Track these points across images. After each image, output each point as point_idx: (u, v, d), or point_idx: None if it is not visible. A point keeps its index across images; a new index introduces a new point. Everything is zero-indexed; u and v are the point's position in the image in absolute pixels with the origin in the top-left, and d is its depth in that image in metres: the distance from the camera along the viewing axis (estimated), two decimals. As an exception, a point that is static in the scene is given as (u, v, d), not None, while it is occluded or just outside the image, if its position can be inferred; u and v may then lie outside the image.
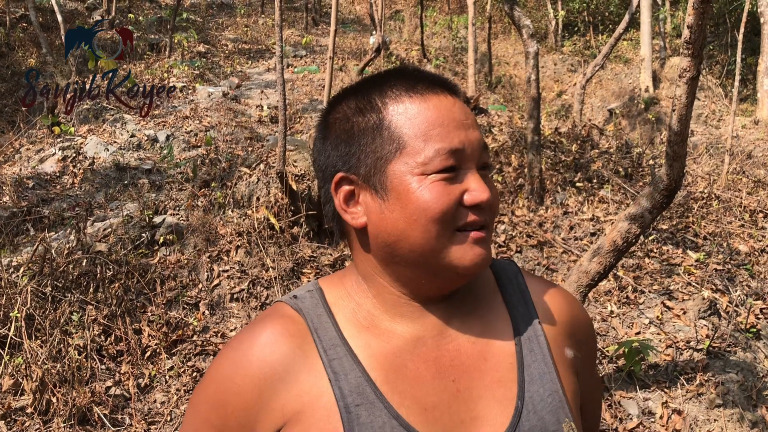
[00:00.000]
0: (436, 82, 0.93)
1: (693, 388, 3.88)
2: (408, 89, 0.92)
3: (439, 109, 0.90)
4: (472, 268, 0.89)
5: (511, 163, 6.84)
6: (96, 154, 6.92)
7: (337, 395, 0.86)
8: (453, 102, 0.92)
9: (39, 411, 3.53)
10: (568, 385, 0.96)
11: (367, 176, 0.91)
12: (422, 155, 0.87)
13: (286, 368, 0.89)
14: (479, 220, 0.89)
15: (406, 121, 0.89)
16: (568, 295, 1.07)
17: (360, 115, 0.92)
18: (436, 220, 0.87)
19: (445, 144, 0.88)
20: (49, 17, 11.31)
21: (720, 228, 5.85)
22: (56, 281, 4.34)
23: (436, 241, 0.87)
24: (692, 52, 3.10)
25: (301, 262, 4.96)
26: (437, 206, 0.86)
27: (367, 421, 0.85)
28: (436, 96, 0.91)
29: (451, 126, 0.89)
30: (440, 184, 0.87)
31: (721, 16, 15.43)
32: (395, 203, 0.88)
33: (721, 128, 11.86)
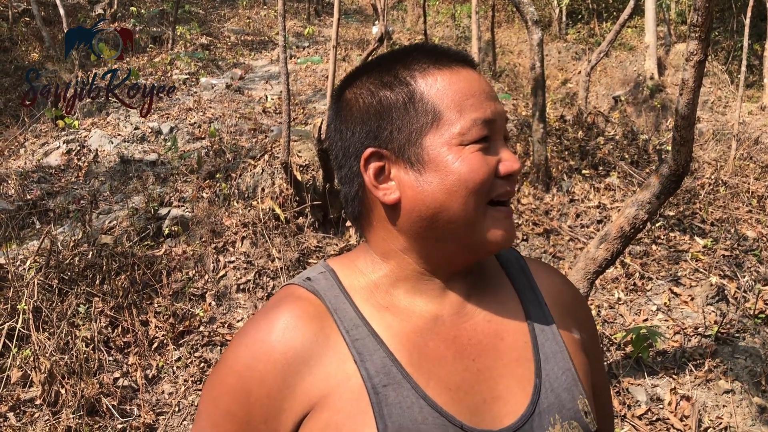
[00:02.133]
0: (459, 56, 0.93)
1: (701, 374, 3.87)
2: (435, 62, 0.91)
3: (469, 80, 0.90)
4: (502, 242, 0.89)
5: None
6: (100, 147, 6.92)
7: (364, 376, 0.84)
8: (478, 74, 0.92)
9: (48, 402, 3.54)
10: (578, 364, 0.96)
11: (401, 150, 0.89)
12: (458, 125, 0.87)
13: (310, 351, 0.87)
14: (511, 191, 0.90)
15: (439, 92, 0.88)
16: (563, 276, 1.08)
17: (387, 89, 0.91)
18: (475, 191, 0.86)
19: (479, 114, 0.87)
20: (52, 11, 11.30)
21: (727, 214, 5.82)
22: (63, 274, 4.35)
23: (474, 213, 0.87)
24: (700, 35, 3.07)
25: (307, 252, 4.95)
26: (477, 176, 0.86)
27: (395, 402, 0.83)
28: (463, 68, 0.91)
29: (482, 96, 0.89)
30: (478, 155, 0.87)
31: (727, 2, 15.32)
32: (433, 175, 0.87)
33: (727, 114, 11.80)
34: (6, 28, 10.45)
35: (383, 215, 0.92)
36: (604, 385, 1.10)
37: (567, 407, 0.90)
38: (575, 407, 0.90)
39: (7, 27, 10.51)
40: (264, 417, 0.86)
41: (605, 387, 1.11)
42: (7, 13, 11.00)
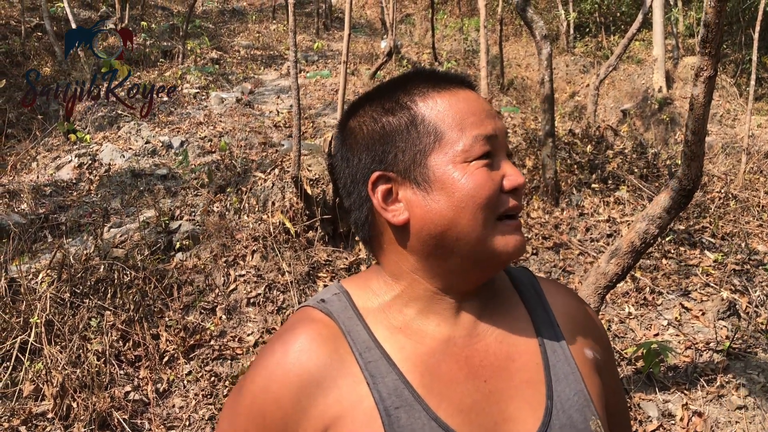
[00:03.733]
0: (457, 79, 0.97)
1: (713, 389, 3.84)
2: (434, 86, 0.94)
3: (468, 100, 0.93)
4: (514, 254, 0.91)
5: (526, 164, 6.82)
6: (111, 161, 6.97)
7: (376, 398, 0.86)
8: (477, 95, 0.95)
9: (60, 416, 3.56)
10: (591, 384, 0.96)
11: (407, 171, 0.91)
12: (461, 143, 0.89)
13: (324, 374, 0.88)
14: (518, 205, 0.92)
15: (439, 113, 0.91)
16: (576, 295, 1.09)
17: (390, 115, 0.94)
18: (483, 206, 0.88)
19: (480, 130, 0.90)
20: (64, 26, 11.42)
21: (738, 228, 5.80)
22: (74, 287, 4.38)
23: (483, 228, 0.89)
24: (709, 50, 3.08)
25: (317, 266, 4.96)
26: (484, 192, 0.88)
27: (407, 424, 0.84)
28: (462, 89, 0.95)
29: (482, 114, 0.92)
30: (483, 171, 0.89)
31: (735, 15, 15.32)
32: (440, 193, 0.89)
33: (736, 128, 11.77)
34: (18, 43, 10.57)
35: (393, 237, 0.94)
36: (621, 406, 1.10)
37: (579, 428, 0.90)
38: (587, 428, 0.91)
39: (20, 42, 10.62)
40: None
41: (623, 407, 1.11)
42: (19, 27, 11.12)
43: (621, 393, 1.11)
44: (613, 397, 1.05)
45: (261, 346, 4.29)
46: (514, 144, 7.41)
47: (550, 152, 5.98)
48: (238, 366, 4.13)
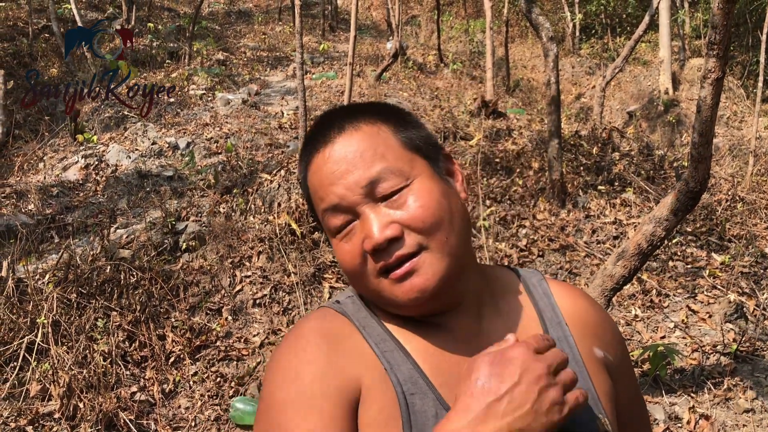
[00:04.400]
0: (321, 136, 0.95)
1: (721, 392, 3.83)
2: (305, 158, 0.98)
3: (317, 171, 0.93)
4: (409, 303, 0.90)
5: (532, 166, 6.81)
6: (118, 162, 6.99)
7: (394, 383, 0.88)
8: (326, 154, 0.92)
9: (66, 416, 3.57)
10: (599, 384, 0.97)
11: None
12: (322, 220, 0.95)
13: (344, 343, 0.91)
14: (389, 262, 0.88)
15: (308, 190, 0.97)
16: (589, 297, 1.09)
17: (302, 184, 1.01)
18: (354, 275, 0.93)
19: (324, 204, 0.92)
20: (71, 27, 11.46)
21: (745, 230, 5.78)
22: (81, 288, 4.39)
23: (369, 290, 0.93)
24: (717, 52, 3.08)
25: (323, 267, 4.97)
26: (347, 266, 0.93)
27: (421, 410, 0.86)
28: (315, 157, 0.94)
29: (324, 184, 0.92)
30: (343, 244, 0.93)
31: (742, 16, 15.26)
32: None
33: (743, 129, 11.73)
34: (26, 44, 10.61)
35: None
36: (639, 408, 1.10)
37: (585, 427, 0.90)
38: (594, 427, 0.91)
39: (27, 43, 10.66)
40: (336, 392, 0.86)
41: (641, 409, 1.10)
42: (27, 29, 11.16)
43: (638, 395, 1.10)
44: (629, 399, 1.05)
45: (266, 347, 4.30)
46: (520, 146, 7.40)
47: (556, 154, 5.97)
48: (244, 367, 4.13)
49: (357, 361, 0.89)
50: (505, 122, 8.43)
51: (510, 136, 7.80)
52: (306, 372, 0.87)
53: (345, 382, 0.87)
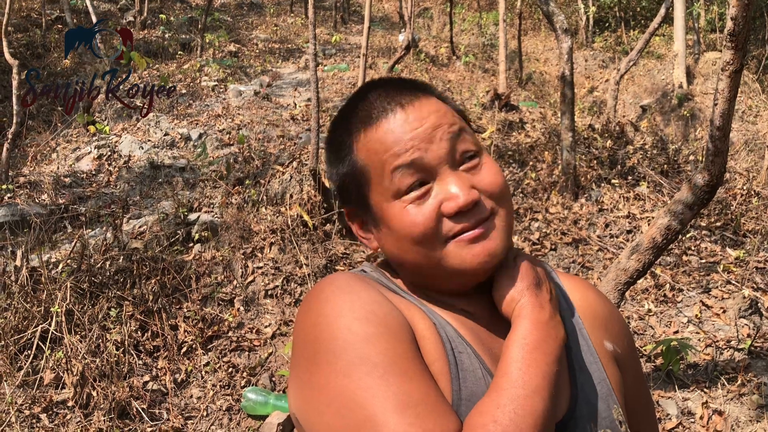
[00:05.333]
0: (390, 100, 0.93)
1: (734, 388, 3.80)
2: (363, 121, 0.94)
3: (391, 130, 0.90)
4: (476, 268, 0.89)
5: (545, 159, 6.78)
6: (131, 153, 7.01)
7: (443, 338, 0.87)
8: (406, 114, 0.91)
9: (80, 404, 3.59)
10: (611, 375, 0.97)
11: (364, 209, 0.96)
12: (385, 180, 0.90)
13: (387, 293, 0.91)
14: (468, 226, 0.88)
15: (367, 153, 0.92)
16: (597, 290, 1.10)
17: (339, 162, 0.98)
18: (418, 242, 0.89)
19: (399, 162, 0.89)
20: (84, 18, 11.50)
21: (761, 225, 5.72)
22: (94, 277, 4.41)
23: (430, 257, 0.90)
24: (735, 44, 3.04)
25: (334, 258, 4.97)
26: (414, 230, 0.88)
27: (469, 369, 0.86)
28: (386, 118, 0.92)
29: (402, 142, 0.89)
30: (412, 207, 0.89)
31: (758, 10, 15.09)
32: (387, 231, 0.93)
33: (758, 124, 11.62)
34: (39, 36, 10.65)
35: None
36: (646, 399, 1.10)
37: (602, 416, 0.91)
38: (610, 416, 0.91)
39: (41, 34, 10.70)
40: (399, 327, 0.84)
41: (647, 400, 1.11)
42: (40, 20, 11.21)
43: (645, 386, 1.11)
44: (637, 390, 1.06)
45: (278, 338, 4.31)
46: (534, 138, 7.36)
47: (569, 146, 5.93)
48: (256, 357, 4.14)
49: (405, 307, 0.88)
50: (518, 115, 8.39)
51: (523, 129, 7.76)
52: (377, 307, 0.83)
53: (407, 322, 0.85)
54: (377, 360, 0.77)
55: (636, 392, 1.05)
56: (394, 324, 0.82)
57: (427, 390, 0.77)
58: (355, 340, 0.79)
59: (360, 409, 0.74)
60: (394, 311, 0.84)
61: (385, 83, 0.97)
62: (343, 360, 0.78)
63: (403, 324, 0.83)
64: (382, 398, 0.74)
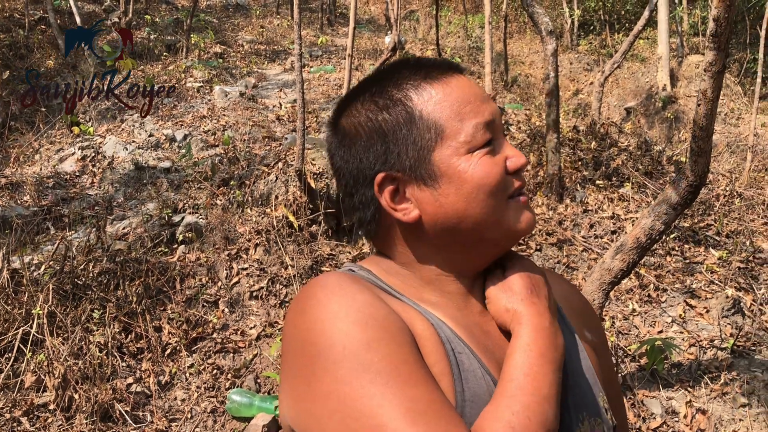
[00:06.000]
0: (445, 65, 0.95)
1: (717, 387, 3.83)
2: (424, 76, 0.92)
3: (462, 88, 0.92)
4: (527, 229, 0.93)
5: (530, 161, 6.80)
6: (115, 154, 6.96)
7: (443, 338, 0.86)
8: (468, 80, 0.94)
9: (61, 407, 3.55)
10: (594, 363, 0.99)
11: (412, 169, 0.90)
12: (462, 134, 0.89)
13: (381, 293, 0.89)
14: (523, 183, 0.93)
15: (436, 106, 0.90)
16: (573, 285, 1.13)
17: (385, 112, 0.91)
18: (492, 193, 0.89)
19: (479, 118, 0.90)
20: (68, 19, 11.40)
21: (743, 226, 5.78)
22: (77, 279, 4.37)
23: (495, 212, 0.90)
24: (718, 45, 3.06)
25: (320, 260, 4.95)
26: (491, 180, 0.89)
27: (470, 369, 0.85)
28: (453, 77, 0.93)
29: (478, 101, 0.91)
30: (487, 158, 0.90)
31: (740, 14, 15.25)
32: (449, 187, 0.89)
33: (740, 126, 11.74)
34: (22, 36, 10.55)
35: (403, 233, 0.94)
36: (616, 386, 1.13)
37: (592, 404, 0.92)
38: (597, 404, 0.93)
39: (24, 35, 10.60)
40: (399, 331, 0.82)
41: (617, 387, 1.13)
42: (23, 20, 11.10)
43: (615, 375, 1.14)
44: (610, 379, 1.08)
45: (263, 339, 4.29)
46: (519, 140, 7.39)
47: (554, 147, 5.96)
48: (241, 359, 4.12)
49: (401, 309, 0.87)
50: (504, 117, 8.42)
51: (508, 131, 7.79)
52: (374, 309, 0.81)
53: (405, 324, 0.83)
54: (380, 366, 0.75)
55: (609, 381, 1.07)
56: (393, 327, 0.80)
57: (433, 395, 0.76)
58: (355, 346, 0.76)
59: (366, 419, 0.72)
60: (392, 314, 0.82)
61: (424, 59, 0.97)
62: (344, 367, 0.76)
63: (402, 326, 0.82)
64: (389, 406, 0.73)
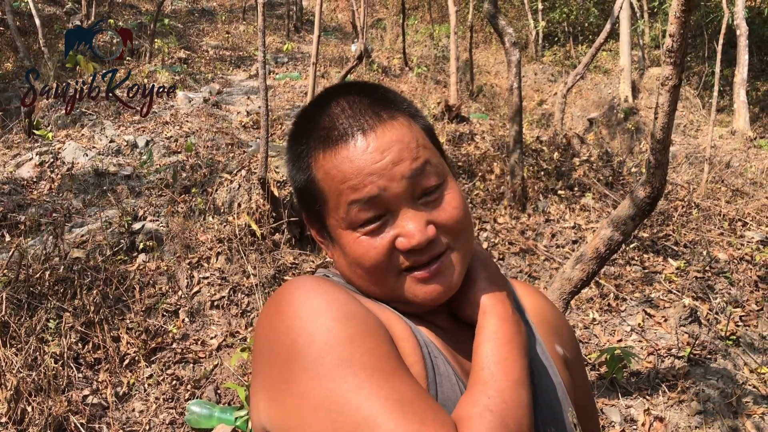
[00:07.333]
0: (354, 122, 0.88)
1: (674, 395, 3.89)
2: (323, 141, 0.89)
3: (350, 159, 0.86)
4: (428, 302, 0.89)
5: (494, 170, 6.86)
6: (74, 160, 6.82)
7: (420, 342, 0.86)
8: (367, 143, 0.86)
9: (14, 420, 3.45)
10: (564, 378, 0.99)
11: (321, 223, 0.94)
12: (341, 210, 0.88)
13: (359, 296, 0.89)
14: (420, 261, 0.87)
15: (324, 176, 0.89)
16: (546, 296, 1.12)
17: (297, 171, 0.94)
18: (370, 272, 0.88)
19: (356, 197, 0.86)
20: (27, 22, 11.18)
21: (700, 236, 5.90)
22: (32, 288, 4.26)
23: (381, 286, 0.90)
24: (674, 60, 3.12)
25: (283, 269, 4.91)
26: (366, 261, 0.88)
27: (444, 373, 0.85)
28: (347, 143, 0.87)
29: (362, 174, 0.85)
30: (366, 239, 0.87)
31: (698, 28, 15.65)
32: (339, 251, 0.92)
33: (699, 138, 12.01)
34: (-20, 38, 10.31)
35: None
36: (590, 399, 1.13)
37: (560, 420, 0.92)
38: (566, 420, 0.93)
39: (-19, 36, 10.37)
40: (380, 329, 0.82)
41: (591, 400, 1.13)
42: (-19, 22, 10.86)
43: (589, 387, 1.13)
44: (583, 391, 1.08)
45: (224, 349, 4.23)
46: (483, 150, 7.44)
47: (518, 158, 6.02)
48: (201, 369, 4.06)
49: (379, 311, 0.87)
50: (469, 126, 8.48)
51: (473, 141, 7.84)
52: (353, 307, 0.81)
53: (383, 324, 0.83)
54: (363, 360, 0.74)
55: (583, 395, 1.07)
56: (373, 325, 0.80)
57: (417, 388, 0.76)
58: (336, 342, 0.75)
59: (353, 413, 0.71)
60: (371, 313, 0.82)
61: (351, 91, 0.93)
62: (327, 363, 0.74)
63: (381, 325, 0.82)
64: (375, 399, 0.72)
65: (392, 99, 0.93)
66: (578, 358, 1.10)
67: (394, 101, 0.93)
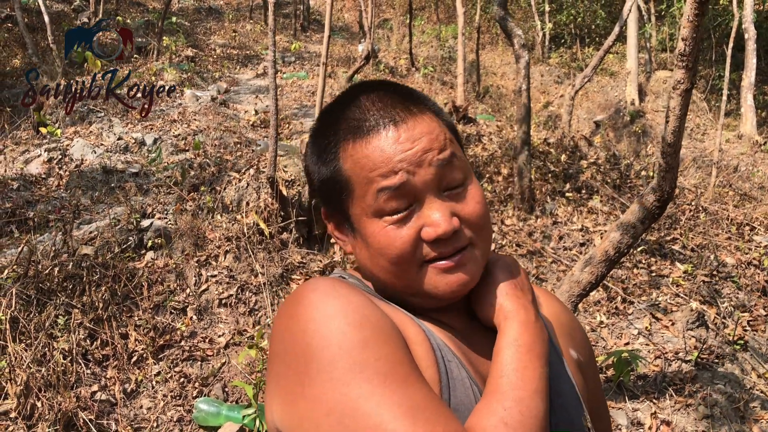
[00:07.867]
0: (385, 114, 0.90)
1: (681, 399, 3.89)
2: (353, 131, 0.90)
3: (381, 148, 0.88)
4: (448, 295, 0.90)
5: (501, 172, 6.86)
6: (83, 156, 6.84)
7: (434, 345, 0.86)
8: (398, 133, 0.88)
9: (23, 416, 3.46)
10: (578, 383, 0.99)
11: (343, 215, 0.94)
12: (369, 197, 0.88)
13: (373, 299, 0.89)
14: (445, 252, 0.88)
15: (353, 165, 0.89)
16: (560, 300, 1.12)
17: (321, 164, 0.94)
18: (394, 262, 0.89)
19: (386, 183, 0.87)
20: (36, 18, 11.21)
21: (707, 240, 5.89)
22: (41, 284, 4.27)
23: (403, 278, 0.90)
24: (687, 64, 3.13)
25: (291, 268, 4.92)
26: (392, 251, 0.88)
27: (458, 378, 0.85)
28: (378, 133, 0.89)
29: (392, 163, 0.87)
30: (392, 228, 0.88)
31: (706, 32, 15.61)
32: (362, 242, 0.92)
33: (705, 142, 11.99)
34: (-12, 34, 10.35)
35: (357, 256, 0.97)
36: (602, 403, 1.13)
37: (576, 423, 0.92)
38: (581, 423, 0.93)
39: (-10, 32, 10.40)
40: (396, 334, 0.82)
41: (603, 404, 1.14)
42: (-10, 18, 10.89)
43: (601, 390, 1.14)
44: (596, 395, 1.08)
45: (232, 347, 4.24)
46: (490, 151, 7.44)
47: (525, 160, 6.02)
48: (209, 367, 4.07)
49: (393, 314, 0.87)
50: (475, 128, 8.48)
51: (480, 142, 7.85)
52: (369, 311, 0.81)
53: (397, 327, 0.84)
54: (377, 366, 0.75)
55: (596, 399, 1.07)
56: (387, 329, 0.81)
57: (429, 395, 0.76)
58: (351, 346, 0.76)
59: (364, 418, 0.72)
60: (385, 316, 0.83)
61: (379, 87, 0.94)
62: (340, 367, 0.75)
63: (396, 329, 0.82)
64: (387, 405, 0.72)
65: (419, 96, 0.96)
66: (591, 361, 1.10)
67: (421, 98, 0.95)
